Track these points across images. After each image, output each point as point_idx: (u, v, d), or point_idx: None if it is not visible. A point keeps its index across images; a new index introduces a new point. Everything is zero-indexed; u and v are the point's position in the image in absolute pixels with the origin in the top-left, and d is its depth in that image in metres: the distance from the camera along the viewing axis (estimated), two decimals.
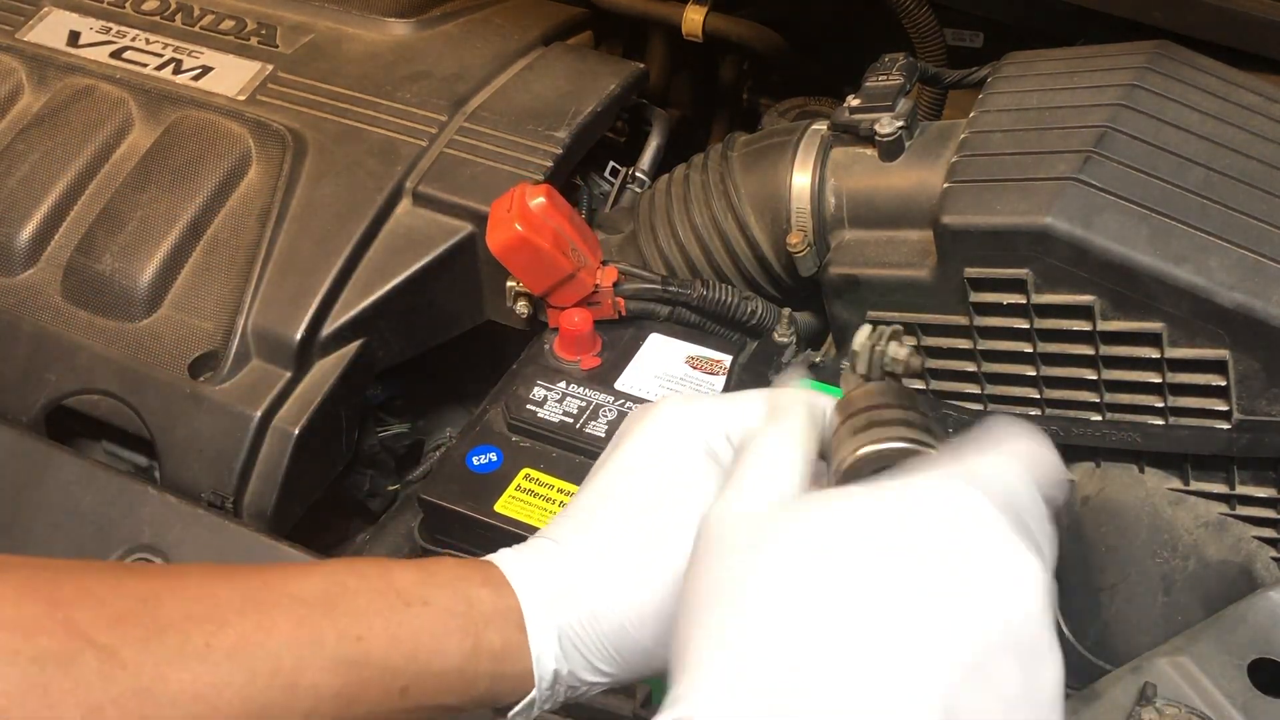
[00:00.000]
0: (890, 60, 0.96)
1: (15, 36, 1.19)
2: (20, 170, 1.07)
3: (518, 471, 0.82)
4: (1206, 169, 0.82)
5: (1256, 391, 0.78)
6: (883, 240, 0.90)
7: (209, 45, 1.16)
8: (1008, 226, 0.79)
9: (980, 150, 0.85)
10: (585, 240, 0.94)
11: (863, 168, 0.92)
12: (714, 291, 0.95)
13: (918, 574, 0.42)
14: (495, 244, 0.90)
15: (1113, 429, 0.84)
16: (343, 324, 0.96)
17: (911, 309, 0.87)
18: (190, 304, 0.99)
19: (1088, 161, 0.80)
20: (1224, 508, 0.84)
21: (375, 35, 1.17)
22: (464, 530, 0.82)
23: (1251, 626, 0.69)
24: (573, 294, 0.92)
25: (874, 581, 0.42)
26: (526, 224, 0.88)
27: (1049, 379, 0.85)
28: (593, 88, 1.10)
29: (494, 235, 0.90)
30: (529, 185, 0.93)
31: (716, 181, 0.99)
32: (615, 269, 0.94)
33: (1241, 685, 0.66)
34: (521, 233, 0.88)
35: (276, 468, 0.91)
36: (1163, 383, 0.80)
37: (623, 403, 0.86)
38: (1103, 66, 0.91)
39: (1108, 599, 0.87)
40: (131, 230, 1.01)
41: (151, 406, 0.94)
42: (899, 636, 0.41)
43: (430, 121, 1.06)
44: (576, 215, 0.96)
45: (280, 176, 1.03)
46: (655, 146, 1.16)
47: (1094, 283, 0.78)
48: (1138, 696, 0.67)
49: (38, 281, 1.02)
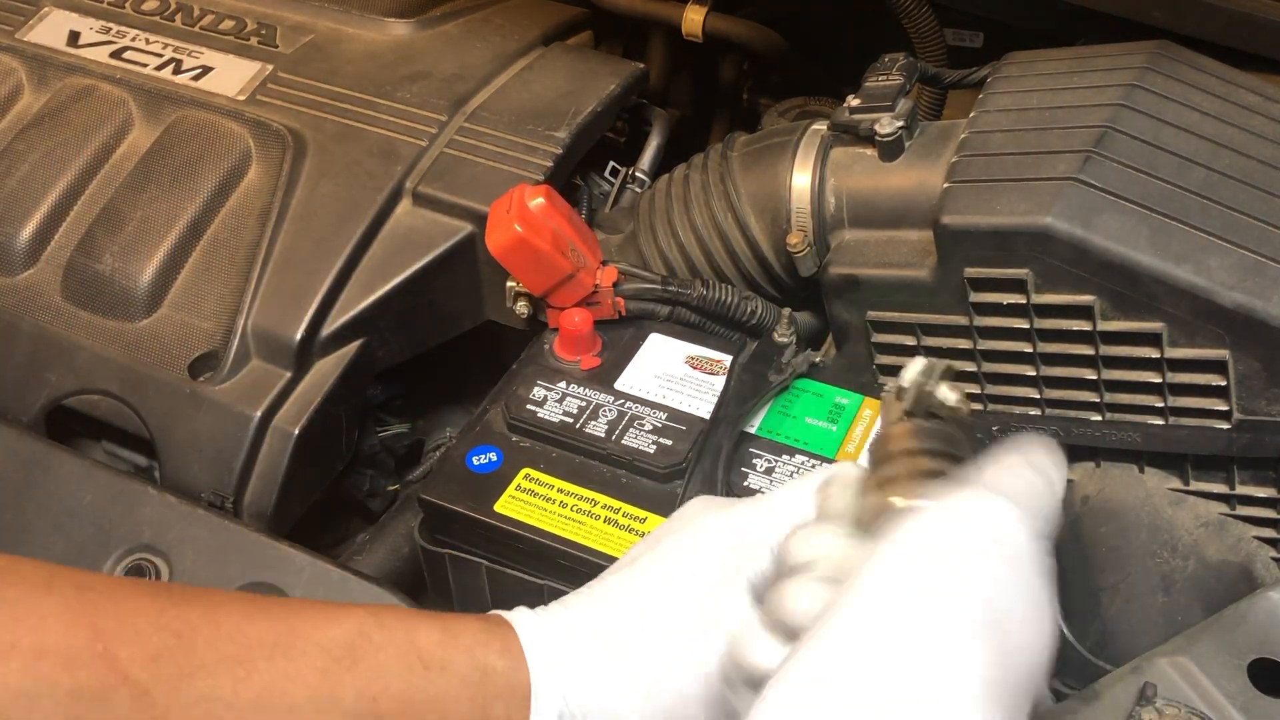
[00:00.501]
0: (890, 60, 0.96)
1: (15, 36, 1.19)
2: (20, 170, 1.07)
3: (518, 471, 0.82)
4: (1207, 169, 0.82)
5: (1257, 391, 0.78)
6: (883, 240, 0.90)
7: (209, 45, 1.16)
8: (1008, 226, 0.79)
9: (980, 150, 0.85)
10: (585, 240, 0.94)
11: (863, 168, 0.92)
12: (714, 291, 0.95)
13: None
14: (494, 245, 0.90)
15: (1113, 429, 0.84)
16: (343, 324, 0.96)
17: (911, 309, 0.87)
18: (190, 304, 0.99)
19: (1088, 161, 0.80)
20: (1224, 508, 0.84)
21: (375, 35, 1.17)
22: (464, 530, 0.82)
23: (1251, 626, 0.69)
24: (572, 294, 0.92)
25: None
26: (526, 225, 0.88)
27: (1049, 379, 0.85)
28: (593, 88, 1.10)
29: (493, 236, 0.90)
30: (528, 186, 0.93)
31: (716, 182, 0.99)
32: (615, 269, 0.94)
33: (1241, 685, 0.66)
34: (521, 233, 0.88)
35: (276, 468, 0.91)
36: (1163, 383, 0.80)
37: (622, 402, 0.86)
38: (1103, 66, 0.91)
39: (1108, 599, 0.87)
40: (131, 230, 1.01)
41: (151, 406, 0.94)
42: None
43: (430, 121, 1.06)
44: (576, 215, 0.96)
45: (280, 176, 1.03)
46: (655, 146, 1.16)
47: (1094, 283, 0.78)
48: (1137, 697, 0.67)
49: (38, 281, 1.02)
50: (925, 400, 0.53)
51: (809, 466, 0.80)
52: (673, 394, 0.87)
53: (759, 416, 0.85)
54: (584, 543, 0.77)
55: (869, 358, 0.92)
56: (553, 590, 0.80)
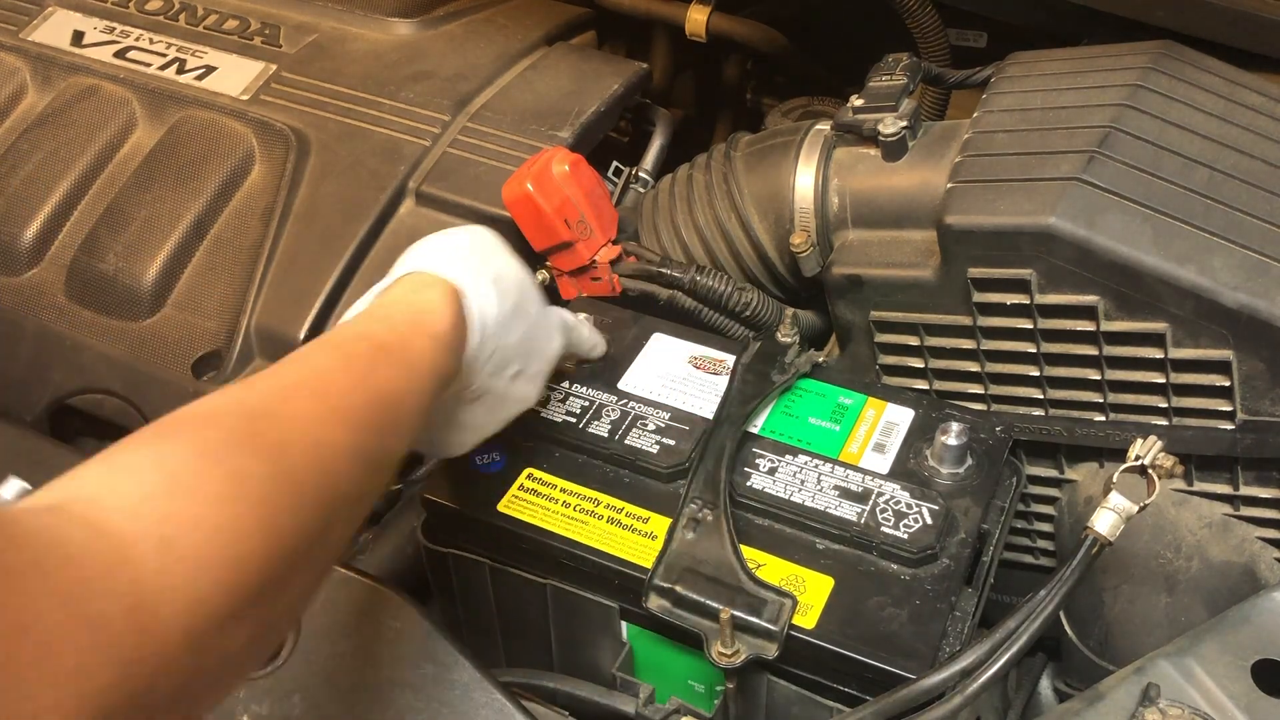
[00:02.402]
0: (894, 60, 0.96)
1: (20, 36, 1.19)
2: (24, 170, 1.07)
3: (520, 471, 0.82)
4: (1210, 169, 0.81)
5: (1260, 392, 0.78)
6: (886, 240, 0.90)
7: (213, 45, 1.16)
8: (1011, 227, 0.79)
9: (984, 150, 0.85)
10: (599, 216, 0.98)
11: (866, 168, 0.92)
12: (707, 278, 0.96)
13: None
14: (506, 194, 0.96)
15: (1116, 429, 0.84)
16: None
17: (915, 309, 0.87)
18: (194, 303, 0.99)
19: (1092, 161, 0.80)
20: (1228, 508, 0.84)
21: (378, 35, 1.17)
22: (467, 530, 0.82)
23: (1255, 627, 0.69)
24: (569, 261, 0.98)
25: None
26: (537, 185, 0.94)
27: (1052, 379, 0.84)
28: (596, 87, 1.10)
29: (509, 185, 0.96)
30: (563, 150, 0.97)
31: (720, 181, 0.99)
32: (619, 248, 0.99)
33: (1245, 686, 0.66)
34: (529, 191, 0.94)
35: None
36: (1166, 383, 0.80)
37: (625, 402, 0.86)
38: (1106, 66, 0.91)
39: (1111, 599, 0.87)
40: (135, 230, 1.01)
41: (155, 405, 0.94)
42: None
43: (433, 121, 1.06)
44: (601, 190, 0.99)
45: (284, 176, 1.03)
46: (658, 146, 1.16)
47: (1098, 283, 0.78)
48: (1141, 697, 0.66)
49: (42, 280, 1.03)
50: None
51: (812, 467, 0.80)
52: (676, 394, 0.87)
53: (762, 416, 0.85)
54: (587, 542, 0.77)
55: (872, 358, 0.92)
56: (556, 590, 0.80)
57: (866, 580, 0.74)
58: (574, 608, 0.80)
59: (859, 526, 0.76)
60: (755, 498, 0.79)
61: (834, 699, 0.73)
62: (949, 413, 0.85)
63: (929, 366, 0.90)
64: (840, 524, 0.77)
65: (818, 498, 0.78)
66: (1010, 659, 0.66)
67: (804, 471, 0.80)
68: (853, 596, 0.73)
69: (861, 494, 0.79)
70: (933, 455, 0.81)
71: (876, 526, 0.76)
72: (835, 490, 0.79)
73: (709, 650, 0.71)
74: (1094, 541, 0.69)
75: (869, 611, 0.72)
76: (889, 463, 0.81)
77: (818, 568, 0.75)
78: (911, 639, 0.71)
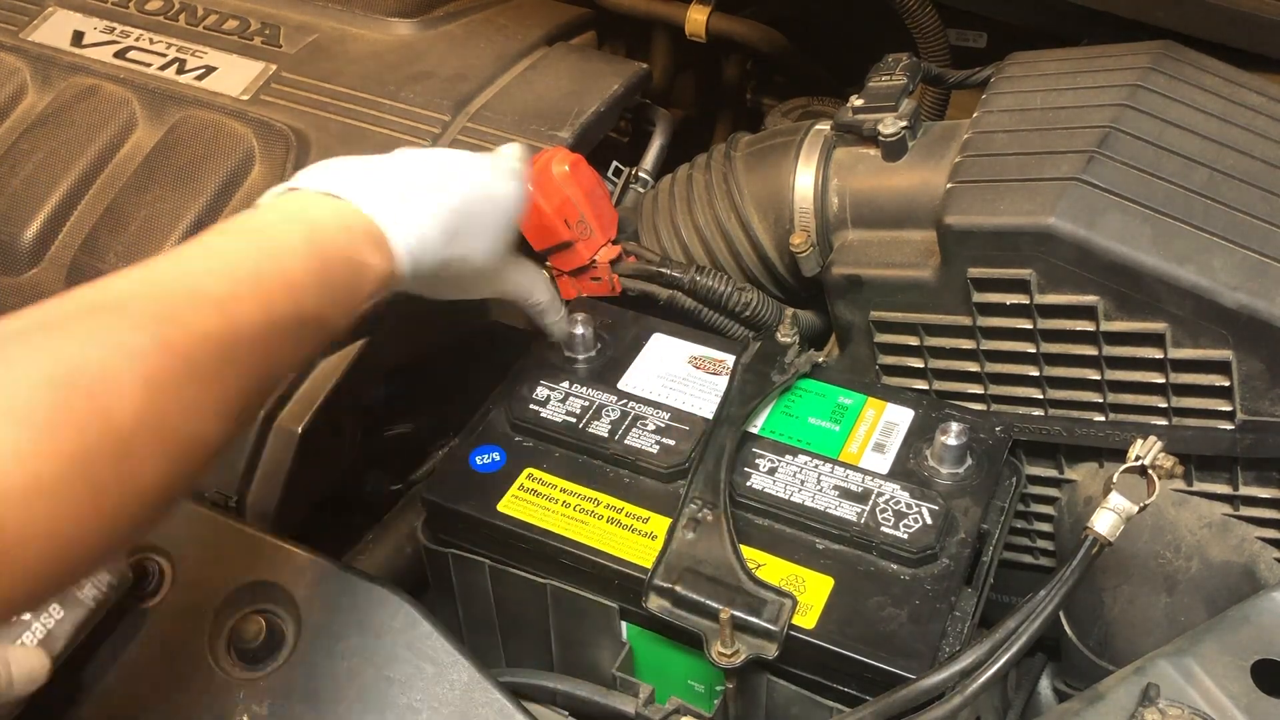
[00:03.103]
0: (893, 60, 0.97)
1: (19, 36, 1.19)
2: (24, 170, 1.07)
3: (520, 471, 0.82)
4: (1210, 169, 0.82)
5: (1260, 392, 0.78)
6: (886, 240, 0.90)
7: (213, 45, 1.16)
8: (1011, 227, 0.79)
9: (984, 150, 0.85)
10: (599, 217, 0.98)
11: (866, 168, 0.92)
12: (707, 278, 0.97)
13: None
14: None
15: (1116, 429, 0.84)
16: None
17: (915, 309, 0.87)
18: None
19: (1091, 162, 0.80)
20: (1227, 508, 0.84)
21: (378, 35, 1.17)
22: (467, 530, 0.82)
23: (1255, 627, 0.69)
24: (568, 261, 0.98)
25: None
26: (538, 185, 0.94)
27: (1052, 379, 0.85)
28: (596, 88, 1.10)
29: None
30: (563, 150, 0.97)
31: (719, 181, 0.99)
32: (619, 248, 0.99)
33: (1245, 686, 0.66)
34: (529, 191, 0.92)
35: (280, 467, 0.91)
36: (1166, 383, 0.80)
37: (625, 402, 0.86)
38: (1106, 67, 0.91)
39: (1110, 599, 0.87)
40: (135, 230, 1.01)
41: None
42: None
43: (433, 121, 1.06)
44: (601, 191, 0.99)
45: (284, 176, 1.03)
46: (658, 146, 1.16)
47: (1097, 283, 0.78)
48: (1140, 697, 0.67)
49: (41, 281, 1.03)
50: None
51: (812, 467, 0.80)
52: (676, 394, 0.87)
53: (762, 416, 0.85)
54: (587, 542, 0.77)
55: (872, 358, 0.92)
56: (556, 590, 0.80)
57: (866, 580, 0.75)
58: (574, 607, 0.80)
59: (859, 526, 0.76)
60: (755, 498, 0.79)
61: (834, 699, 0.73)
62: (949, 413, 0.85)
63: (929, 366, 0.90)
64: (840, 524, 0.77)
65: (817, 498, 0.78)
66: (1010, 659, 0.66)
67: (804, 471, 0.80)
68: (852, 596, 0.73)
69: (861, 494, 0.79)
70: (932, 455, 0.81)
71: (876, 526, 0.76)
72: (835, 490, 0.79)
73: (709, 650, 0.71)
74: (1094, 542, 0.69)
75: (869, 611, 0.72)
76: (889, 463, 0.81)
77: (817, 568, 0.75)
78: (911, 639, 0.71)
